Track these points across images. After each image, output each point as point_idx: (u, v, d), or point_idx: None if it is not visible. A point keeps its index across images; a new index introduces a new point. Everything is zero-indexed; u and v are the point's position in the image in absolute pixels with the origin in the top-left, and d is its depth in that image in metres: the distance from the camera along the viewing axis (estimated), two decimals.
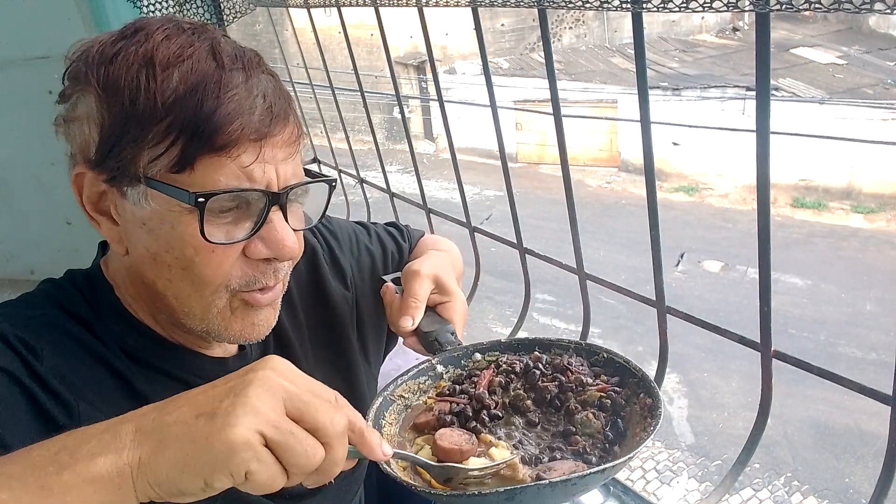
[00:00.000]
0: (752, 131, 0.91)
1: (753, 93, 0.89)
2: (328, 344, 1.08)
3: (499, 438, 0.78)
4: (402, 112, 2.56)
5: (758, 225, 0.97)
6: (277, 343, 1.02)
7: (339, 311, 1.09)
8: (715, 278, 11.98)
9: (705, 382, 9.22)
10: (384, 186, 2.03)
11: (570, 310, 10.26)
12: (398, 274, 1.07)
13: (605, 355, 0.84)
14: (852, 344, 9.68)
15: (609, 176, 16.41)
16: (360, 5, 1.48)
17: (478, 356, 0.91)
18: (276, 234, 0.79)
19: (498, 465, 0.73)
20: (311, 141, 2.59)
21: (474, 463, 0.74)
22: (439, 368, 0.91)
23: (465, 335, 1.01)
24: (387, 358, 1.23)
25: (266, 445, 0.58)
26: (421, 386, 0.90)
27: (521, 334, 1.53)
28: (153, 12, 1.49)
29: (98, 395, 0.79)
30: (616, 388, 0.79)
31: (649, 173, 1.10)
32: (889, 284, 10.94)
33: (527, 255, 1.56)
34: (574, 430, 0.77)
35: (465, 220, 1.68)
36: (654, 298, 1.20)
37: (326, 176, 0.88)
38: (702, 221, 14.03)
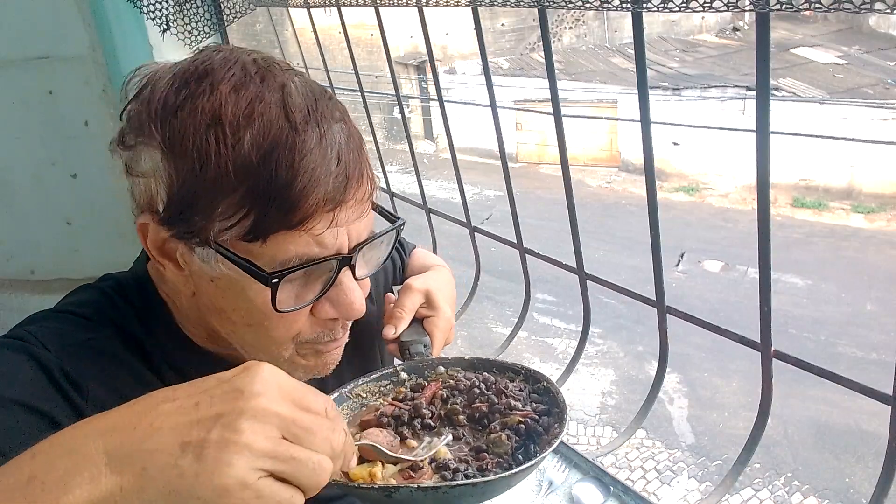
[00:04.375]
0: (752, 131, 0.91)
1: (753, 93, 0.89)
2: (360, 353, 1.09)
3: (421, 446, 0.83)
4: (402, 112, 2.56)
5: (758, 225, 0.96)
6: None
7: (370, 326, 1.10)
8: (715, 278, 11.98)
9: (705, 382, 9.21)
10: (384, 186, 2.03)
11: (570, 310, 10.25)
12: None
13: (545, 384, 0.90)
14: (852, 344, 9.67)
15: (609, 176, 16.41)
16: (360, 5, 1.48)
17: (441, 369, 0.97)
18: (344, 297, 0.77)
19: (405, 458, 0.77)
20: None
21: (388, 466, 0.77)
22: (402, 375, 0.97)
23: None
24: None
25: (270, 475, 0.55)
26: (381, 388, 0.95)
27: (522, 334, 1.53)
28: (153, 12, 1.48)
29: None
30: (535, 417, 0.84)
31: (649, 173, 1.10)
32: (889, 284, 10.93)
33: (527, 255, 1.56)
34: (485, 447, 0.81)
35: (465, 220, 1.68)
36: (654, 298, 1.20)
37: (395, 219, 0.84)
38: (702, 221, 14.03)
